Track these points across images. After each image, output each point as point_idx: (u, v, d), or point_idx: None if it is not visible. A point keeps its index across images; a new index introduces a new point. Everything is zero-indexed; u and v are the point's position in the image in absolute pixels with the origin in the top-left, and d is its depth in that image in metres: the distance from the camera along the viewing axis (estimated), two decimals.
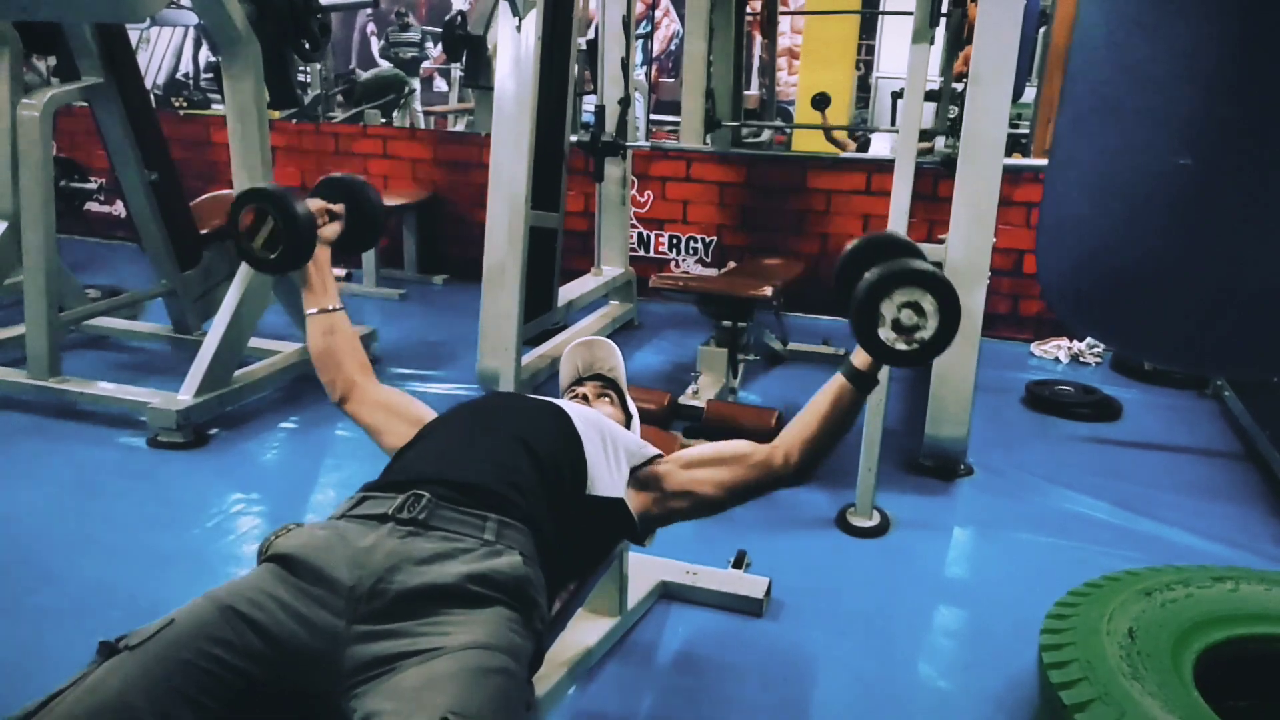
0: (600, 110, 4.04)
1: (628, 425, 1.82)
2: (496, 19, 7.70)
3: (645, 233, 5.17)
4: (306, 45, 3.47)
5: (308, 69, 7.75)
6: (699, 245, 5.15)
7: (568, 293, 4.05)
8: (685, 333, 4.57)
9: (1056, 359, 4.52)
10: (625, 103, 4.17)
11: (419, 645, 1.08)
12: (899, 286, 1.37)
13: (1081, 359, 4.51)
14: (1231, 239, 0.75)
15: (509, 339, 3.01)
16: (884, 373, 1.55)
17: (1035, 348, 4.62)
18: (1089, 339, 4.59)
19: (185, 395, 3.06)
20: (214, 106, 8.44)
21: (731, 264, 5.07)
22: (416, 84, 9.76)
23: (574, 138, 4.11)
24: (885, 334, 1.39)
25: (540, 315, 3.56)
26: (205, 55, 11.83)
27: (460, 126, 8.98)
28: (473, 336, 4.27)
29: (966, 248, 2.84)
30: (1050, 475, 3.12)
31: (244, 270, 3.32)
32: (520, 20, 2.81)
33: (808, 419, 1.51)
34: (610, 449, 1.54)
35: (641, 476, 1.57)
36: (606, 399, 1.83)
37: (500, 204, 3.12)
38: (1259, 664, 1.73)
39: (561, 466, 1.43)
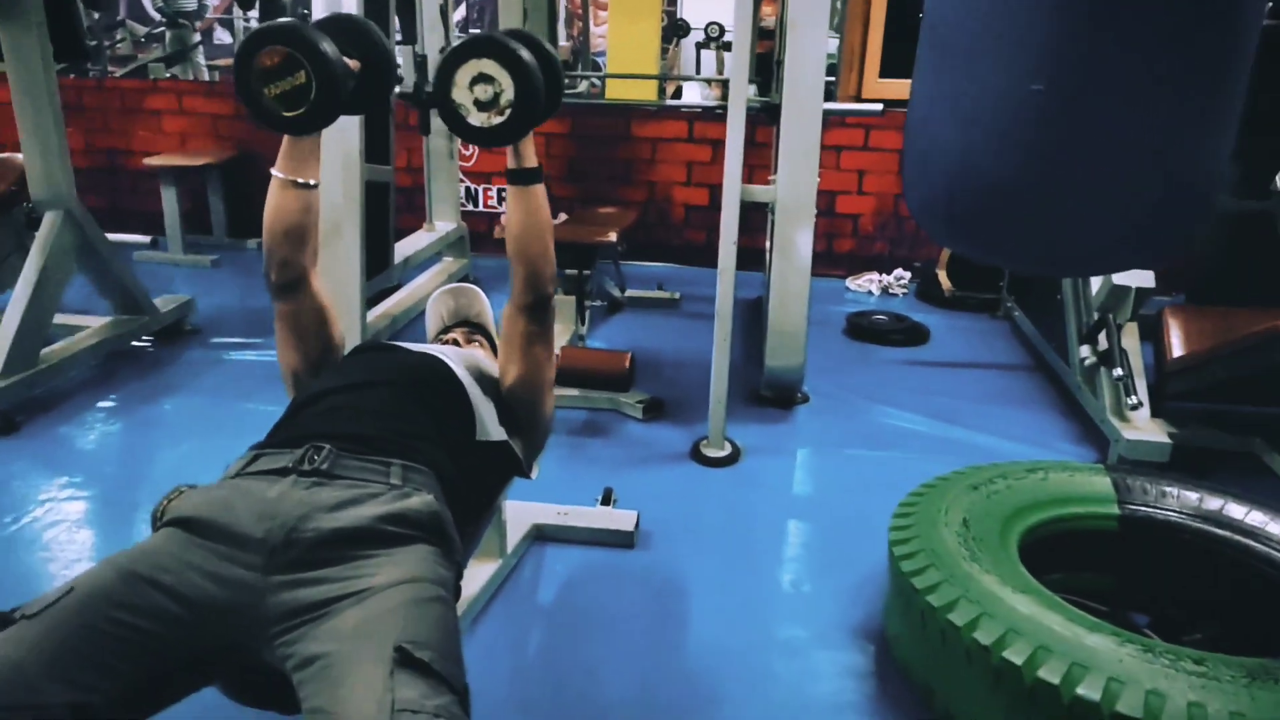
0: (422, 59, 3.92)
1: None
2: None
3: (473, 187, 5.10)
4: None
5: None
6: None
7: (402, 250, 3.96)
8: None
9: (870, 292, 4.87)
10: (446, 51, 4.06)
11: (349, 589, 1.08)
12: (455, 68, 1.36)
13: (890, 291, 4.88)
14: (1078, 152, 0.88)
15: (351, 300, 2.93)
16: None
17: (850, 282, 4.95)
18: (896, 272, 4.97)
19: None
20: None
21: (563, 215, 5.09)
22: (198, 37, 9.02)
23: (396, 89, 3.98)
24: (475, 119, 1.38)
25: (378, 274, 3.47)
26: None
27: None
28: None
29: (794, 188, 3.01)
30: (874, 396, 3.39)
31: (43, 237, 3.04)
32: None
33: (507, 238, 1.54)
34: (489, 390, 1.57)
35: (501, 410, 1.58)
36: (477, 343, 1.85)
37: (329, 160, 3.00)
38: (1069, 539, 2.00)
39: (448, 411, 1.45)
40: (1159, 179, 0.87)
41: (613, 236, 3.00)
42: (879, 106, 3.74)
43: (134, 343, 3.55)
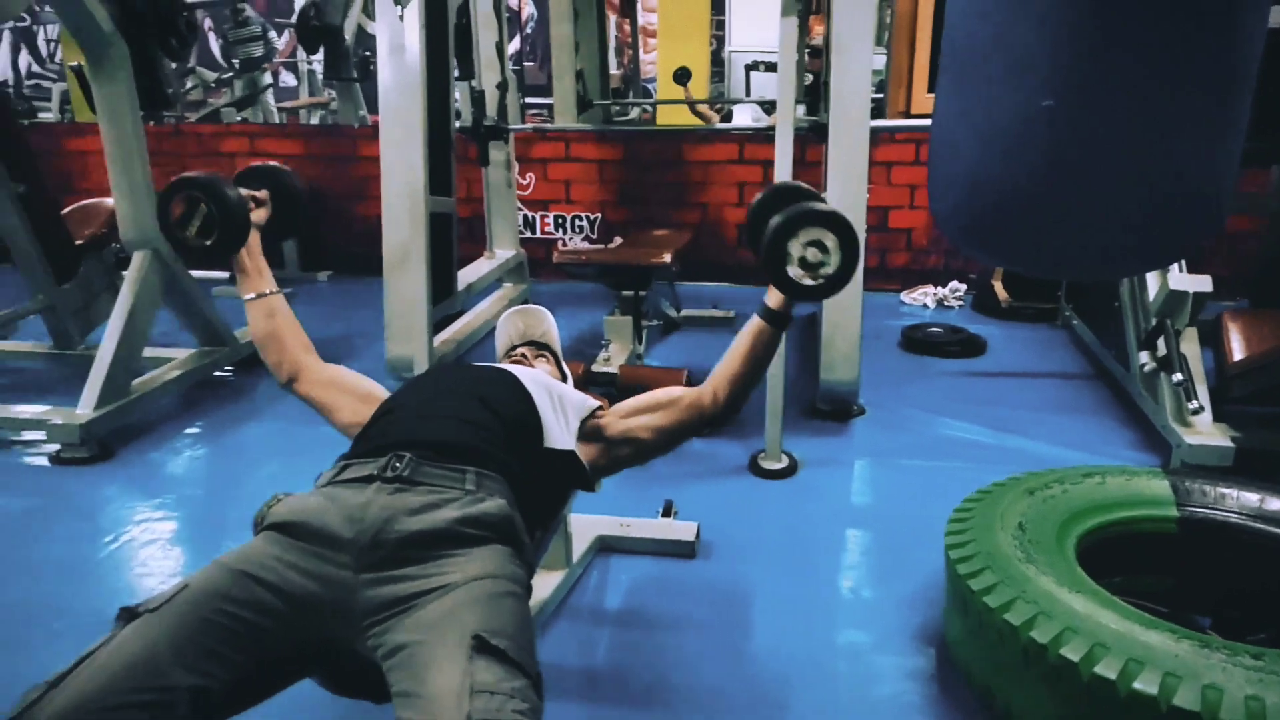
0: (480, 95, 4.09)
1: None
2: (354, 7, 7.56)
3: (530, 214, 5.25)
4: (174, 43, 3.40)
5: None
6: (584, 223, 5.27)
7: (465, 277, 4.11)
8: (578, 309, 4.69)
9: (924, 305, 4.88)
10: (503, 86, 4.23)
11: (431, 585, 1.18)
12: (803, 227, 1.51)
13: (946, 303, 4.88)
14: (1087, 164, 0.94)
15: (419, 324, 3.06)
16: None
17: (904, 296, 4.97)
18: (951, 284, 4.98)
19: (85, 409, 2.98)
20: (40, 115, 8.00)
21: (617, 239, 5.22)
22: (268, 78, 9.42)
23: (455, 124, 4.15)
24: (794, 271, 1.53)
25: (443, 300, 3.61)
26: (26, 61, 11.07)
27: (314, 120, 8.74)
28: (369, 329, 4.28)
29: (843, 205, 3.05)
30: (931, 407, 3.42)
31: (133, 276, 3.24)
32: (403, 9, 2.85)
33: (731, 360, 1.66)
34: (558, 404, 1.66)
35: (587, 429, 1.70)
36: (544, 359, 1.95)
37: (395, 192, 3.16)
38: (1128, 542, 2.01)
39: (519, 422, 1.55)
40: (1166, 185, 0.92)
41: (667, 258, 3.10)
42: (929, 122, 3.78)
43: (215, 373, 3.74)
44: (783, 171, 2.80)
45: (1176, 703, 1.41)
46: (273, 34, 10.41)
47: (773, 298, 1.62)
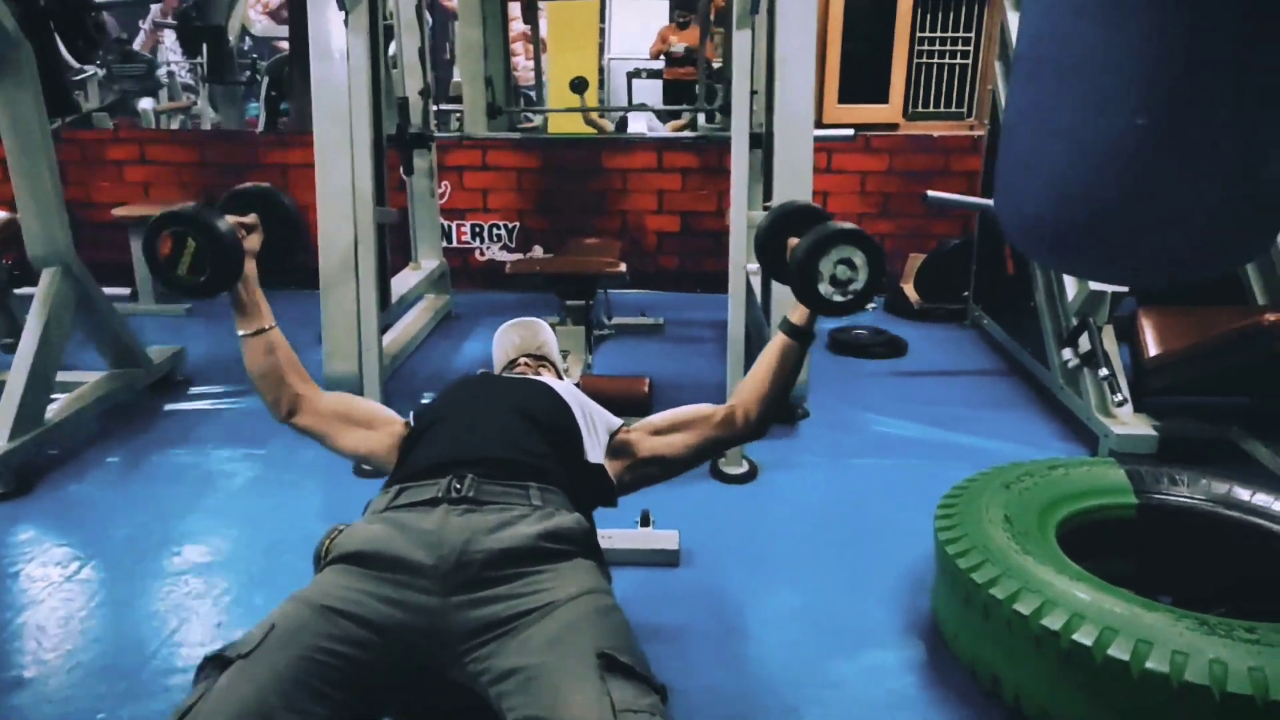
0: (404, 102, 3.98)
1: None
2: (237, 8, 7.20)
3: (446, 223, 5.14)
4: (81, 44, 3.17)
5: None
6: (502, 232, 5.20)
7: (396, 289, 3.99)
8: (504, 319, 4.58)
9: None
10: (426, 93, 4.13)
11: (531, 604, 1.15)
12: (834, 246, 1.57)
13: None
14: (1177, 178, 1.01)
15: (369, 339, 2.95)
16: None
17: None
18: None
19: None
20: None
21: (537, 247, 5.18)
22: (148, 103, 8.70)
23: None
24: (824, 289, 1.59)
25: (380, 313, 3.49)
26: None
27: (174, 125, 8.24)
28: (292, 342, 4.10)
29: None
30: (868, 407, 3.54)
31: (43, 295, 3.00)
32: (348, 14, 2.75)
33: (760, 378, 1.69)
34: (589, 418, 1.65)
35: (614, 444, 1.69)
36: (545, 370, 1.92)
37: (334, 202, 3.03)
38: (1095, 528, 2.14)
39: (563, 434, 1.53)
40: (1255, 196, 1.00)
41: (623, 267, 3.10)
42: (850, 131, 3.93)
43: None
44: (739, 178, 2.85)
45: (1188, 678, 1.51)
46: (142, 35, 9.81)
47: (797, 314, 1.66)
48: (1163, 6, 0.98)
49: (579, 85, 6.64)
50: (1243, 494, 2.13)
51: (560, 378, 1.97)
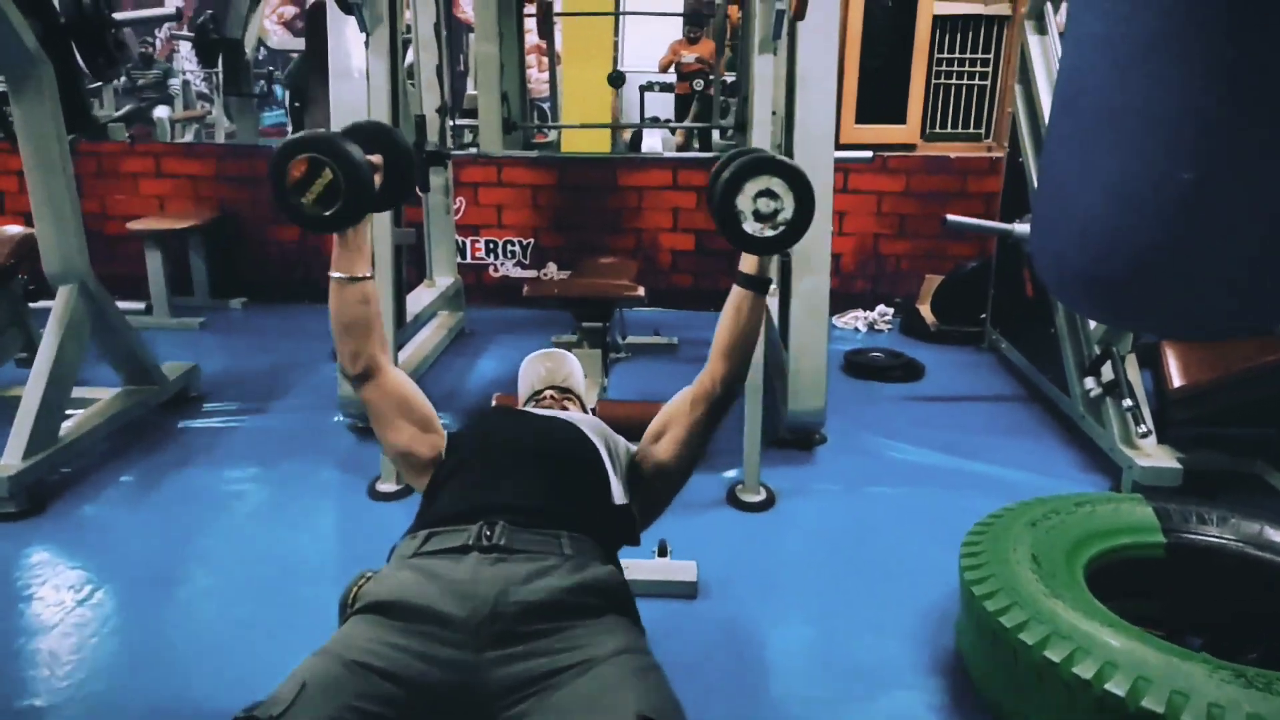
0: (421, 119, 3.97)
1: None
2: (254, 20, 7.23)
3: (461, 239, 5.13)
4: (101, 61, 3.17)
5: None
6: (516, 248, 5.19)
7: (410, 307, 3.98)
8: (518, 336, 4.61)
9: (856, 329, 5.02)
10: (444, 111, 4.13)
11: (568, 660, 1.13)
12: (747, 179, 1.47)
13: (876, 327, 5.03)
14: (1225, 233, 0.98)
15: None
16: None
17: (836, 320, 5.09)
18: (879, 308, 5.13)
19: (12, 459, 2.73)
20: None
21: (551, 265, 5.17)
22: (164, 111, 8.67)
23: None
24: (750, 226, 1.49)
25: (397, 330, 3.48)
26: None
27: (189, 136, 8.23)
28: (300, 359, 4.08)
29: (809, 236, 3.10)
30: (886, 432, 3.51)
31: (59, 312, 2.99)
32: (369, 35, 2.74)
33: (721, 335, 1.61)
34: (614, 454, 1.62)
35: (630, 475, 1.65)
36: (570, 403, 1.90)
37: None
38: (1122, 567, 2.11)
39: (591, 478, 1.50)
40: None
41: (640, 290, 3.07)
42: (869, 154, 3.90)
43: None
44: None
45: None
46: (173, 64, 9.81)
47: (745, 261, 1.58)
48: (1205, 59, 0.95)
49: (616, 79, 6.61)
50: (1274, 535, 2.09)
51: (585, 411, 1.94)
